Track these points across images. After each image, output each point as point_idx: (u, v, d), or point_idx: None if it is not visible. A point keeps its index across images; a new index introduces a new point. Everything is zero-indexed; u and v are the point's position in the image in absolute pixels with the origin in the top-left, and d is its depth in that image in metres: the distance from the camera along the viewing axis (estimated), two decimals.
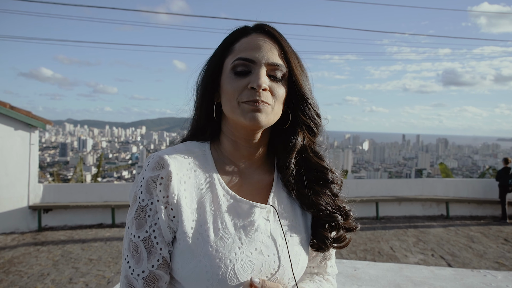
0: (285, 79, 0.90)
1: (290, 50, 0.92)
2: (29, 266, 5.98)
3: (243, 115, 0.85)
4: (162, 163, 0.84)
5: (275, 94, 0.88)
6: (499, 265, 6.19)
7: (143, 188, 0.84)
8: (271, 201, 0.94)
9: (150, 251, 0.83)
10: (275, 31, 0.92)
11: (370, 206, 9.96)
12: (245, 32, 0.92)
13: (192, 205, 0.86)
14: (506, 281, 2.36)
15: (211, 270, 0.81)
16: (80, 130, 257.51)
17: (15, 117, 8.45)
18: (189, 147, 0.94)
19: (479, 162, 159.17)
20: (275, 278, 0.88)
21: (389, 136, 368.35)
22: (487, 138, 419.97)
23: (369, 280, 2.34)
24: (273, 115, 0.89)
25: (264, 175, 0.98)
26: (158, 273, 0.84)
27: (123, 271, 0.85)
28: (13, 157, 8.53)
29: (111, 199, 9.28)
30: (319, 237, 0.97)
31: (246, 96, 0.85)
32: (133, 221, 0.84)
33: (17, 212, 8.52)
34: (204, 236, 0.83)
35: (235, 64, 0.87)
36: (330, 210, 0.95)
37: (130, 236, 0.85)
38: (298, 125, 0.95)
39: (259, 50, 0.87)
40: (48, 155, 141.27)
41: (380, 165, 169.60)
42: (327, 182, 0.97)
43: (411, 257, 6.58)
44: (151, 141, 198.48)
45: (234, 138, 0.94)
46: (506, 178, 9.69)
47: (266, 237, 0.89)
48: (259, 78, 0.84)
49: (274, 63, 0.87)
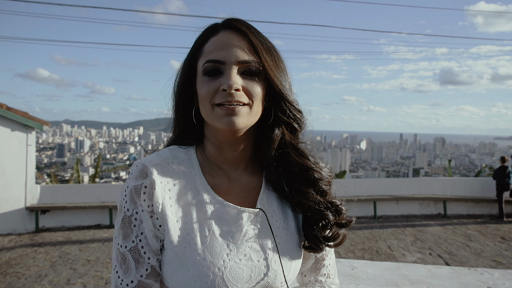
0: (261, 75, 0.85)
1: (261, 44, 0.86)
2: (27, 267, 5.96)
3: (218, 120, 0.82)
4: (145, 171, 0.83)
5: (251, 93, 0.83)
6: (496, 263, 6.21)
7: (128, 198, 0.82)
8: (259, 204, 0.91)
9: (138, 261, 0.82)
10: (244, 25, 0.87)
11: (368, 206, 9.97)
12: (214, 30, 0.88)
13: (178, 213, 0.84)
14: (503, 279, 2.37)
15: (200, 279, 0.79)
16: (77, 131, 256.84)
17: (12, 118, 8.41)
18: (174, 152, 0.91)
19: (476, 161, 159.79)
20: (266, 283, 0.87)
21: (387, 136, 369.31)
22: (484, 137, 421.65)
23: (366, 279, 2.34)
24: (252, 116, 0.84)
25: (252, 177, 0.95)
26: (147, 282, 0.83)
27: (113, 282, 0.85)
28: (10, 158, 8.50)
29: (108, 199, 9.25)
30: (310, 237, 0.92)
31: (218, 99, 0.81)
32: (120, 231, 0.83)
33: (14, 213, 8.48)
34: (191, 244, 0.82)
35: (205, 67, 0.84)
36: (319, 208, 0.91)
37: (118, 246, 0.83)
38: (277, 121, 0.90)
39: (228, 49, 0.83)
40: (45, 156, 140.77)
41: (378, 165, 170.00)
42: (312, 180, 0.92)
43: (409, 256, 6.60)
44: (148, 142, 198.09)
45: (216, 142, 0.91)
46: (503, 177, 9.74)
47: (255, 242, 0.87)
48: (229, 78, 0.80)
49: (245, 60, 0.83)
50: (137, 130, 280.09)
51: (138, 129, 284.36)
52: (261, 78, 0.85)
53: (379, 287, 2.25)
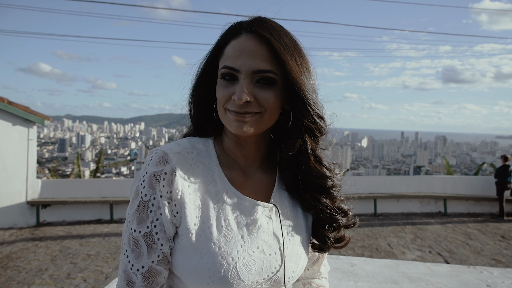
0: (279, 81, 0.84)
1: (284, 48, 0.83)
2: (27, 261, 5.99)
3: (229, 124, 0.85)
4: (166, 158, 0.83)
5: (264, 102, 0.83)
6: (496, 262, 6.22)
7: (146, 183, 0.82)
8: (273, 200, 0.93)
9: (151, 247, 0.82)
10: (266, 31, 0.84)
11: (368, 203, 9.98)
12: (237, 32, 0.87)
13: (196, 201, 0.85)
14: (502, 277, 2.38)
15: (213, 268, 0.80)
16: (78, 125, 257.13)
17: (13, 112, 8.42)
18: (192, 142, 0.92)
19: (478, 159, 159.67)
20: (276, 277, 0.89)
21: (388, 133, 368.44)
22: (486, 136, 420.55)
23: (365, 276, 2.34)
24: (264, 123, 0.85)
25: (266, 174, 0.97)
26: (158, 268, 0.83)
27: (122, 265, 0.84)
28: (11, 153, 8.51)
29: (109, 195, 9.28)
30: (320, 237, 0.97)
31: (230, 105, 0.83)
32: (134, 215, 0.83)
33: (15, 207, 8.51)
34: (207, 233, 0.83)
35: (222, 72, 0.85)
36: (330, 212, 0.96)
37: (131, 231, 0.83)
38: (298, 126, 0.89)
39: (245, 57, 0.82)
40: (46, 151, 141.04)
41: (379, 162, 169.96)
42: (326, 188, 0.95)
43: (409, 254, 6.61)
44: (149, 137, 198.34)
45: (234, 138, 0.93)
46: (505, 176, 9.72)
47: (268, 236, 0.89)
48: (241, 91, 0.81)
49: (261, 70, 0.82)
50: (138, 125, 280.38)
51: (139, 125, 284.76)
52: (278, 85, 0.84)
53: (378, 284, 2.26)
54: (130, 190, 0.86)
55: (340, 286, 2.17)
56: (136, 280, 0.82)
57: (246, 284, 0.84)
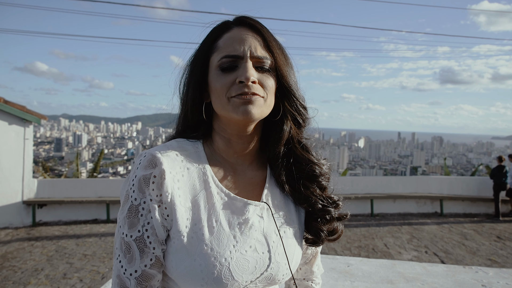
0: (272, 70, 0.89)
1: (273, 41, 0.90)
2: (23, 261, 5.96)
3: (235, 110, 0.84)
4: (154, 161, 0.83)
5: (266, 86, 0.87)
6: (492, 262, 6.25)
7: (135, 187, 0.82)
8: (264, 198, 0.94)
9: (143, 251, 0.82)
10: (257, 23, 0.91)
11: (365, 203, 10.00)
12: (227, 27, 0.91)
13: (186, 203, 0.85)
14: (497, 277, 2.39)
15: (206, 269, 0.80)
16: (75, 125, 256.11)
17: (9, 111, 8.38)
18: (181, 144, 0.92)
19: (474, 160, 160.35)
20: (270, 275, 0.89)
21: (385, 134, 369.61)
22: (482, 137, 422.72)
23: (362, 276, 2.35)
24: (266, 107, 0.88)
25: (257, 171, 0.98)
26: (151, 272, 0.83)
27: (115, 271, 0.84)
28: (7, 152, 8.47)
29: (106, 194, 9.25)
30: (314, 230, 0.98)
31: (235, 91, 0.84)
32: (125, 220, 0.83)
33: (11, 207, 8.47)
34: (199, 234, 0.83)
35: (222, 62, 0.86)
36: (322, 204, 0.97)
37: (122, 236, 0.83)
38: (285, 116, 0.94)
39: (243, 44, 0.86)
40: (43, 150, 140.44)
41: (376, 163, 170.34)
42: (314, 175, 0.97)
43: (405, 254, 6.63)
44: (146, 137, 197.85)
45: (226, 136, 0.93)
46: (500, 176, 9.78)
47: (260, 235, 0.89)
48: (246, 71, 0.83)
49: (260, 56, 0.86)
50: (135, 125, 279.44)
51: (136, 124, 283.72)
52: (273, 73, 0.89)
53: (375, 284, 2.26)
54: (121, 194, 0.86)
55: (337, 286, 2.17)
56: (130, 284, 0.82)
57: (240, 283, 0.84)
